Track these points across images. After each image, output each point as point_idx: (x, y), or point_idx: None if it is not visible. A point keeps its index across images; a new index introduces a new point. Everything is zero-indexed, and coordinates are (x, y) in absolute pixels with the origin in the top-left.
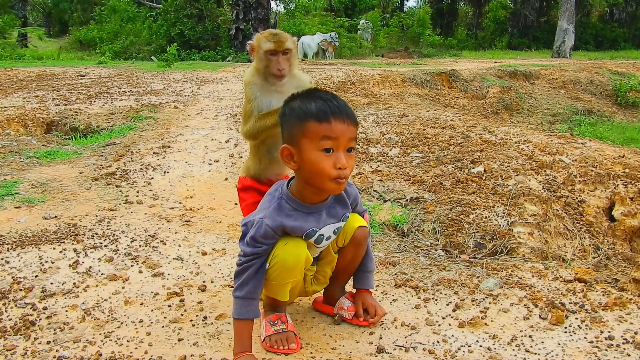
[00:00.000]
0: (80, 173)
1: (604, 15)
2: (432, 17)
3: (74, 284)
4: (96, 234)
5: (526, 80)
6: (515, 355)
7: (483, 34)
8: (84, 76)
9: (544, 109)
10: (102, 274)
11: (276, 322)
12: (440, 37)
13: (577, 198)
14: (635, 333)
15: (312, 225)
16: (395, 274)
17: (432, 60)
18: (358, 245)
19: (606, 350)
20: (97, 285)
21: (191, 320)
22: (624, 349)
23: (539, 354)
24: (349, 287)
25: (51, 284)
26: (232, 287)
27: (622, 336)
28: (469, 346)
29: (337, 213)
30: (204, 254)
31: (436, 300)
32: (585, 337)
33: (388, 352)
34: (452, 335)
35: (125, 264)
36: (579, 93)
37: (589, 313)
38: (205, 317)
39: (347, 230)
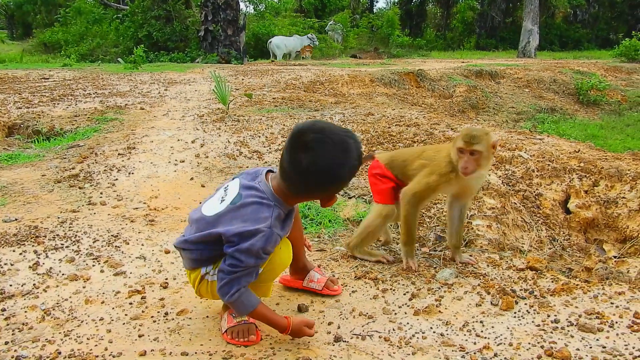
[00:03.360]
0: (43, 176)
1: (568, 17)
2: (401, 18)
3: (34, 285)
4: (57, 235)
5: (492, 80)
6: (467, 340)
7: (451, 34)
8: (47, 79)
9: (509, 107)
10: (62, 274)
11: None
12: (409, 38)
13: (534, 191)
14: (579, 316)
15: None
16: (356, 266)
17: (400, 61)
18: (298, 219)
19: (552, 332)
20: (57, 286)
21: (152, 317)
22: (568, 330)
23: (488, 338)
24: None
25: (10, 285)
26: None
27: (567, 319)
28: (423, 333)
29: None
30: (167, 252)
31: (394, 290)
32: (532, 321)
33: (345, 341)
34: (408, 323)
35: (87, 264)
36: (542, 92)
37: (538, 299)
38: (166, 313)
39: None
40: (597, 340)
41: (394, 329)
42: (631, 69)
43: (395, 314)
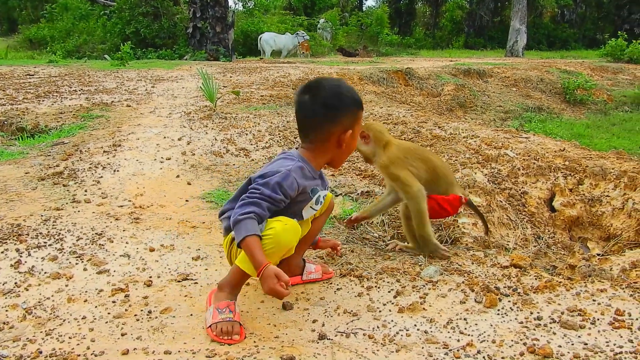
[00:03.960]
0: (26, 173)
1: (555, 16)
2: (391, 17)
3: (15, 283)
4: (41, 233)
5: (480, 79)
6: (450, 337)
7: (440, 33)
8: (32, 75)
9: (497, 106)
10: (45, 272)
11: (224, 310)
12: (398, 37)
13: (520, 190)
14: (562, 313)
15: (319, 186)
16: (341, 264)
17: (389, 59)
18: (329, 212)
19: (534, 329)
20: (39, 284)
21: (135, 315)
22: (551, 327)
23: (471, 335)
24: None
25: None
26: (179, 281)
27: (549, 316)
28: (407, 330)
29: (325, 184)
30: (152, 250)
31: (379, 288)
32: (515, 318)
33: (329, 339)
34: (392, 321)
35: (70, 262)
36: (529, 91)
37: (521, 296)
38: (150, 312)
39: (326, 200)
40: (579, 337)
41: (378, 327)
42: (617, 69)
43: (380, 311)
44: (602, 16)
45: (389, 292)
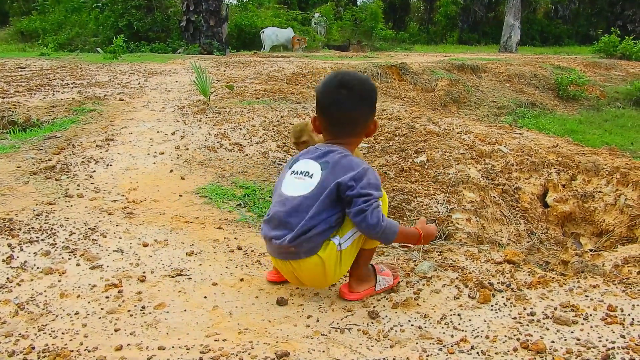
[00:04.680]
0: (18, 167)
1: (549, 12)
2: (385, 11)
3: (7, 278)
4: (33, 228)
5: (473, 74)
6: (444, 333)
7: (435, 28)
8: (24, 68)
9: (490, 101)
10: (37, 268)
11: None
12: (392, 31)
13: (513, 185)
14: (555, 309)
15: None
16: None
17: (384, 54)
18: None
19: (527, 325)
20: (32, 280)
21: (129, 311)
22: (544, 323)
23: (465, 331)
24: None
25: None
26: (172, 277)
27: (542, 312)
28: (401, 325)
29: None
30: (145, 245)
31: None
32: (509, 314)
33: (324, 334)
34: (386, 316)
35: (63, 258)
36: (523, 86)
37: (514, 292)
38: (143, 307)
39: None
40: (572, 332)
41: (372, 322)
42: (609, 65)
43: (374, 307)
44: (595, 12)
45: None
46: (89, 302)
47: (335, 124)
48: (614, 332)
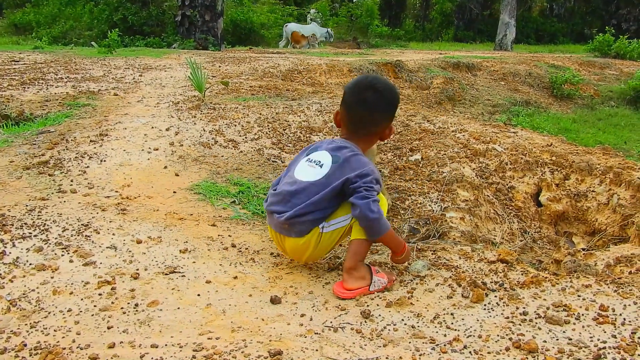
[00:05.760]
0: (11, 162)
1: (544, 10)
2: (381, 8)
3: (0, 275)
4: (25, 224)
5: (468, 72)
6: (437, 332)
7: (430, 25)
8: (17, 62)
9: (485, 99)
10: (30, 264)
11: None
12: (388, 28)
13: (507, 184)
14: (547, 308)
15: None
16: (329, 258)
17: (379, 51)
18: None
19: (520, 324)
20: (24, 276)
21: (122, 308)
22: (536, 323)
23: (458, 330)
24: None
25: None
26: (166, 274)
27: (535, 311)
28: (395, 325)
29: None
30: (139, 242)
31: None
32: (502, 314)
33: (317, 333)
34: (380, 315)
35: (56, 254)
36: (518, 85)
37: (507, 291)
38: (136, 305)
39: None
40: (564, 332)
41: (365, 321)
42: (604, 64)
43: (368, 305)
44: (590, 11)
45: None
46: (81, 299)
47: (356, 122)
48: (605, 332)
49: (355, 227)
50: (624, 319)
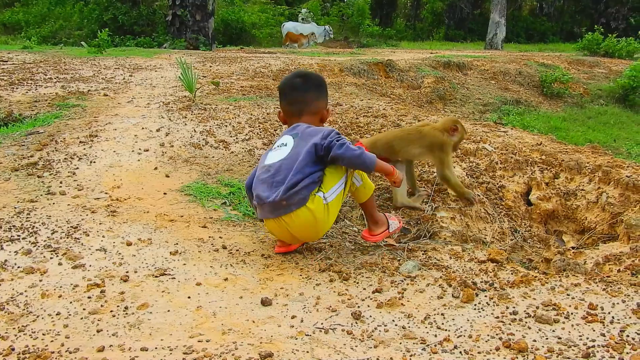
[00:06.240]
0: None
1: (534, 10)
2: (372, 8)
3: None
4: (14, 226)
5: (459, 71)
6: (428, 332)
7: (421, 25)
8: (6, 62)
9: (476, 98)
10: (18, 267)
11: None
12: (379, 28)
13: (497, 183)
14: (537, 307)
15: None
16: (320, 259)
17: (370, 50)
18: None
19: (510, 324)
20: (12, 279)
21: (111, 311)
22: (526, 322)
23: (449, 330)
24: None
25: None
26: (156, 276)
27: (525, 311)
28: (385, 325)
29: None
30: (129, 244)
31: (357, 283)
32: (492, 313)
33: (308, 335)
34: (370, 316)
35: (44, 257)
36: (508, 84)
37: (497, 291)
38: (126, 308)
39: None
40: (554, 331)
41: (356, 322)
42: (593, 63)
43: (359, 306)
44: (579, 10)
45: (369, 286)
46: (70, 303)
47: (293, 106)
48: (594, 331)
49: (357, 193)
50: (613, 317)
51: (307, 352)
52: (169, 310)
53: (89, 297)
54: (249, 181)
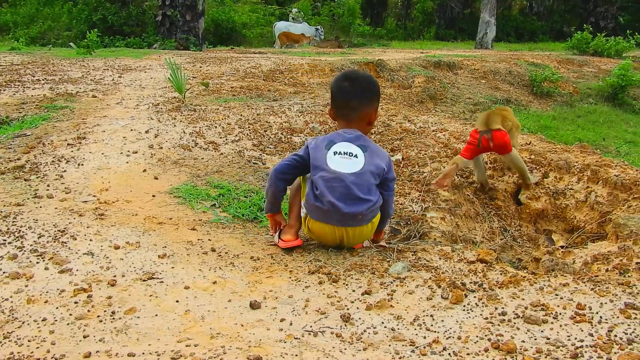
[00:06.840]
0: None
1: (524, 9)
2: (362, 7)
3: None
4: (0, 230)
5: (450, 71)
6: (417, 334)
7: (412, 24)
8: None
9: (466, 98)
10: (3, 272)
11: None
12: (370, 27)
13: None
14: (526, 308)
15: None
16: (310, 261)
17: (361, 50)
18: None
19: (499, 325)
20: None
21: (98, 316)
22: (515, 323)
23: (438, 332)
24: None
25: None
26: (144, 280)
27: (513, 311)
28: (375, 328)
29: None
30: (117, 247)
31: (347, 285)
32: (481, 314)
33: (297, 338)
34: (360, 318)
35: (31, 261)
36: (498, 83)
37: (486, 291)
38: (113, 312)
39: None
40: (542, 332)
41: (345, 325)
42: (582, 62)
43: (348, 309)
44: (569, 9)
45: (358, 288)
46: (57, 308)
47: (340, 107)
48: (582, 331)
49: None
50: (601, 317)
51: (296, 355)
52: (156, 315)
53: (75, 302)
54: (280, 167)
